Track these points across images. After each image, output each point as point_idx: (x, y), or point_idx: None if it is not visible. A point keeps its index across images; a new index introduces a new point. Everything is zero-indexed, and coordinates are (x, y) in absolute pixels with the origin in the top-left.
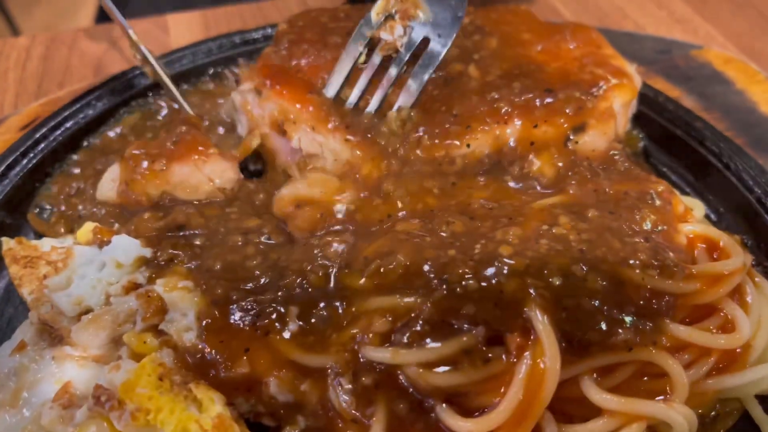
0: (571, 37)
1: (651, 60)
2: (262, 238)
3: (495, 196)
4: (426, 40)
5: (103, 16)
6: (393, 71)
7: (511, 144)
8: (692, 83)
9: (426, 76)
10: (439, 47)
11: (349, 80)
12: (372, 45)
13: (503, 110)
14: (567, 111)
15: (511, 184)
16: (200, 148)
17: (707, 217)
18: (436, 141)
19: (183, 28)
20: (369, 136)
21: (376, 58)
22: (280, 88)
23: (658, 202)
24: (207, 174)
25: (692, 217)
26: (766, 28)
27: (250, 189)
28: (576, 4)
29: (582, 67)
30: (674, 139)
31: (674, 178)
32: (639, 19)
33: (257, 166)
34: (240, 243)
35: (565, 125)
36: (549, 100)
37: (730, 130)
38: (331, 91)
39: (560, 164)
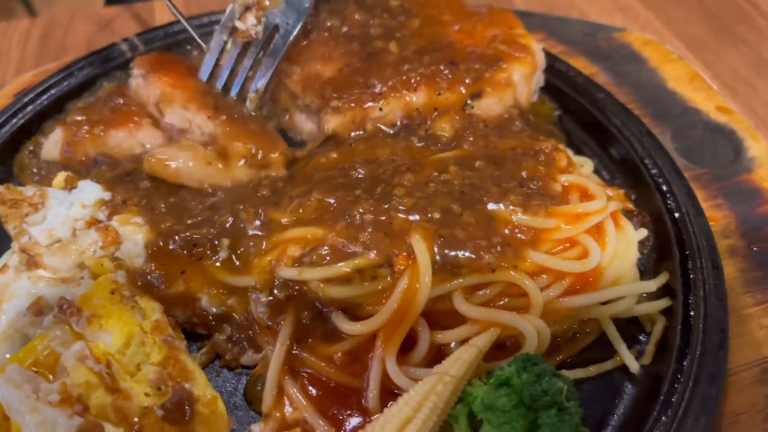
0: (489, 19)
1: (576, 41)
2: None
3: (401, 152)
4: (277, 28)
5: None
6: (248, 57)
7: (419, 109)
8: (609, 62)
9: (276, 60)
10: (287, 34)
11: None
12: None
13: (412, 80)
14: (466, 80)
15: (417, 143)
16: (135, 117)
17: (601, 176)
18: (353, 105)
19: (168, 12)
20: (235, 116)
21: (235, 47)
22: (160, 74)
23: (542, 157)
24: (139, 140)
25: (575, 171)
26: (702, 15)
27: None
28: None
29: (489, 44)
30: (581, 109)
31: (578, 143)
32: (584, 7)
33: None
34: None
35: (464, 92)
36: (451, 70)
37: (636, 102)
38: (203, 75)
39: (458, 125)
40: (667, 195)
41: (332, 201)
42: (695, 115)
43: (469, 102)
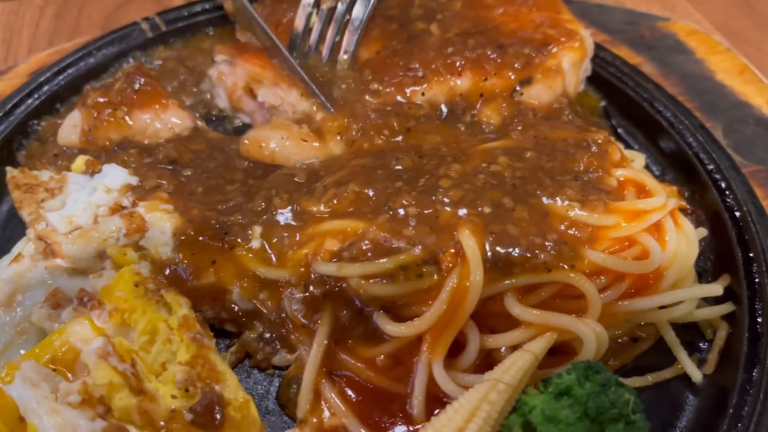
0: (534, 3)
1: (618, 30)
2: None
3: (446, 141)
4: None
5: None
6: (334, 22)
7: (463, 94)
8: (654, 52)
9: (363, 19)
10: None
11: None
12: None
13: (457, 63)
14: (515, 65)
15: (463, 129)
16: (161, 99)
17: (650, 170)
18: (393, 89)
19: None
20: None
21: (319, 18)
22: (248, 56)
23: (595, 149)
24: (166, 122)
25: (629, 165)
26: (741, 6)
27: (213, 137)
28: None
29: (536, 28)
30: (628, 100)
31: (625, 135)
32: None
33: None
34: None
35: (513, 78)
36: (499, 54)
37: (684, 94)
38: (293, 43)
39: (506, 113)
40: (726, 192)
41: (371, 193)
42: (746, 109)
43: (518, 89)
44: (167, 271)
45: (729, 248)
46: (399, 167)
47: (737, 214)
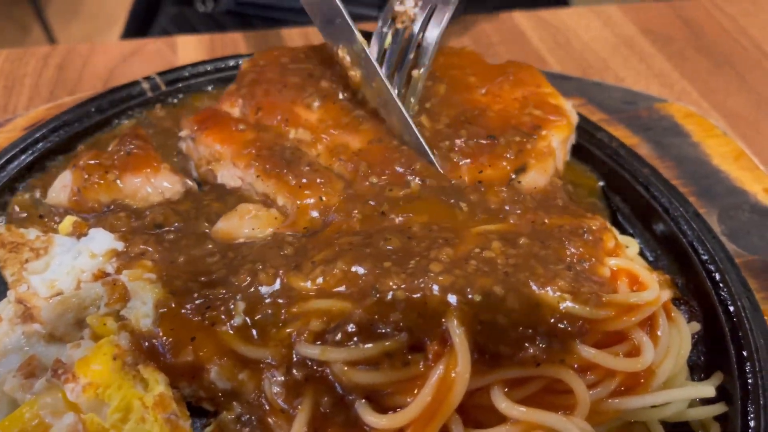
0: (514, 78)
1: (616, 109)
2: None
3: (437, 220)
4: (434, 7)
5: (127, 33)
6: (413, 32)
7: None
8: (651, 133)
9: (438, 34)
10: (445, 9)
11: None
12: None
13: (453, 159)
14: (508, 155)
15: (463, 206)
16: (153, 162)
17: (644, 256)
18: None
19: (190, 50)
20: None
21: (394, 40)
22: (207, 131)
23: (589, 237)
24: (157, 186)
25: (623, 253)
26: (741, 87)
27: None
28: (563, 54)
29: (522, 108)
30: (624, 183)
31: (621, 218)
32: (620, 71)
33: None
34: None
35: (508, 168)
36: (492, 145)
37: (679, 178)
38: (371, 64)
39: (505, 196)
40: (720, 285)
41: (360, 272)
42: (742, 196)
43: (513, 177)
44: (146, 345)
45: (722, 344)
46: (389, 247)
47: (731, 308)
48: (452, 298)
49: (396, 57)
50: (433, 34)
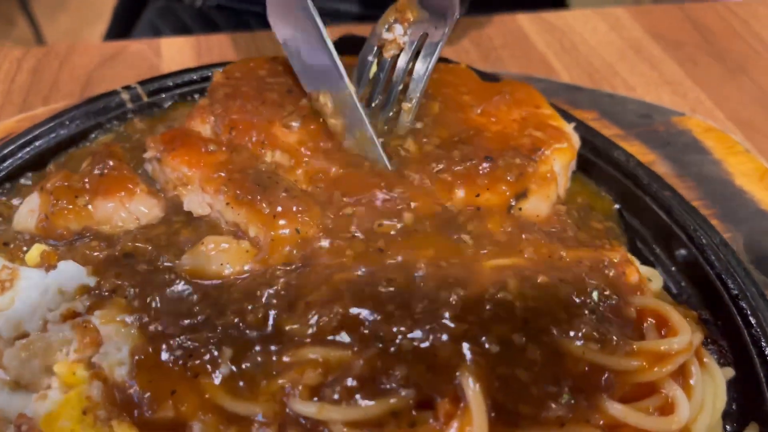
0: (511, 98)
1: (631, 123)
2: None
3: (443, 254)
4: (425, 35)
5: (112, 28)
6: (401, 63)
7: (456, 209)
8: (669, 149)
9: (430, 66)
10: (438, 39)
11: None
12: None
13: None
14: (508, 178)
15: (466, 239)
16: (128, 185)
17: (667, 288)
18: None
19: (175, 52)
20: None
21: (380, 68)
22: (174, 152)
23: (611, 272)
24: (132, 211)
25: (647, 289)
26: (756, 96)
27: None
28: (569, 59)
29: (521, 130)
30: (644, 206)
31: (640, 245)
32: (629, 78)
33: None
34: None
35: (507, 193)
36: (489, 167)
37: (701, 199)
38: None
39: (509, 229)
40: (753, 324)
41: (361, 316)
42: None
43: (513, 204)
44: (120, 397)
45: (757, 390)
46: (391, 288)
47: (766, 350)
48: (466, 349)
49: (382, 89)
50: (424, 65)
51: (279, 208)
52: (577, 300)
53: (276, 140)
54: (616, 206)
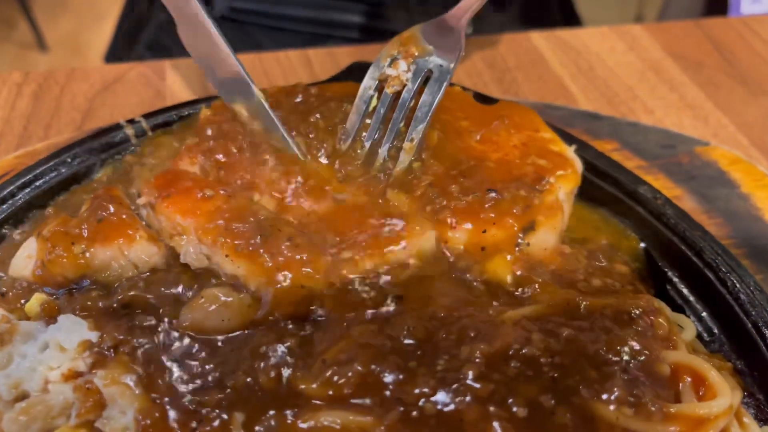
0: (510, 123)
1: (653, 155)
2: None
3: (458, 303)
4: (430, 72)
5: (114, 44)
6: (398, 108)
7: (461, 249)
8: (694, 183)
9: (434, 104)
10: (443, 75)
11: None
12: (380, 88)
13: (448, 219)
14: (514, 211)
15: (478, 285)
16: (128, 231)
17: (699, 336)
18: (369, 252)
19: (180, 75)
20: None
21: (381, 103)
22: (168, 200)
23: (640, 323)
24: (132, 259)
25: (679, 340)
26: None
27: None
28: (586, 82)
29: (523, 157)
30: (672, 247)
31: (668, 287)
32: (648, 101)
33: None
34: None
35: (515, 227)
36: (494, 200)
37: (731, 238)
38: (351, 134)
39: (518, 271)
40: None
41: (382, 376)
42: None
43: (521, 238)
44: None
45: None
46: (410, 341)
47: None
48: (493, 413)
49: (382, 125)
50: (427, 105)
51: (281, 259)
52: (606, 356)
53: (262, 179)
54: (642, 245)
